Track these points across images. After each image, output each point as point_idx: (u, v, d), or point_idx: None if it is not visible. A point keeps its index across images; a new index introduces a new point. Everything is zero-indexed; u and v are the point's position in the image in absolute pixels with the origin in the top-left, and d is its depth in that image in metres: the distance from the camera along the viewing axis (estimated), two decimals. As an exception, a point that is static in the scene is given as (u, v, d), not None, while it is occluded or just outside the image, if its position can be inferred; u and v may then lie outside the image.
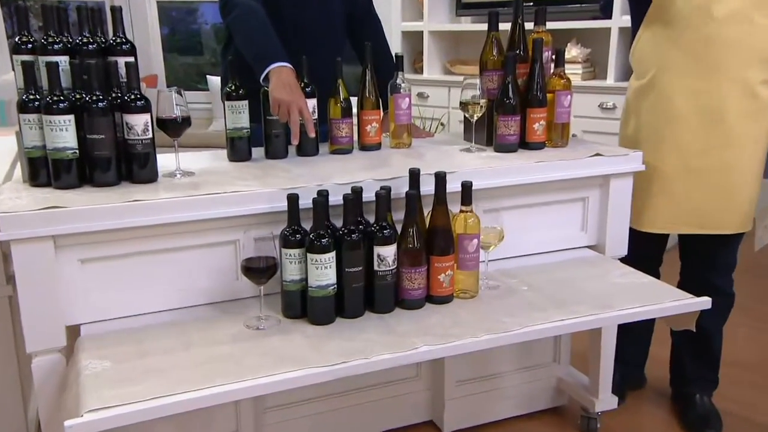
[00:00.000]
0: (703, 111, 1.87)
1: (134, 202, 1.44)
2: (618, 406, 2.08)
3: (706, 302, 1.64)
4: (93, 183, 1.55)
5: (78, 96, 1.51)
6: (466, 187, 1.59)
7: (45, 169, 1.53)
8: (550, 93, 1.92)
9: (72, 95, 1.51)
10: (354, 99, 1.96)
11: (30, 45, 1.54)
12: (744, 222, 1.96)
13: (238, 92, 1.79)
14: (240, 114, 1.80)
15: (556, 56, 1.94)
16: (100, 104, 1.50)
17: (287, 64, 1.79)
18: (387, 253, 1.52)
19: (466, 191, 1.59)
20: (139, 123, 1.54)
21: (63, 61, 1.52)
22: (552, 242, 1.92)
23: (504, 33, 1.93)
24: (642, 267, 1.85)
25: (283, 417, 1.88)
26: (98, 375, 1.30)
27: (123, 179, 1.59)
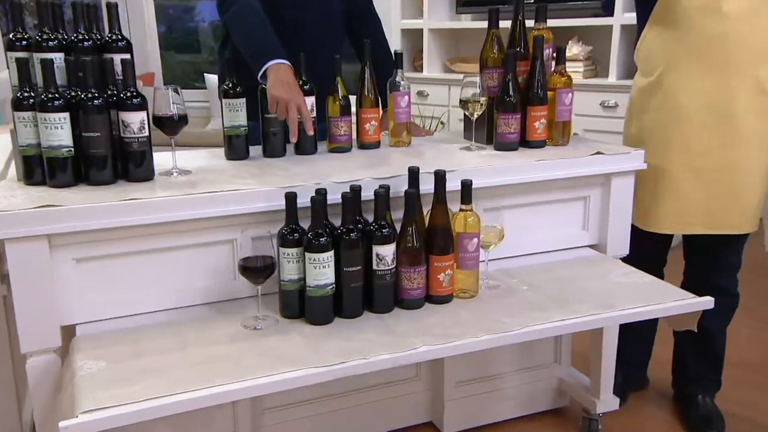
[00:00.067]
0: (712, 109, 1.86)
1: (130, 201, 1.44)
2: (619, 408, 2.08)
3: (709, 302, 1.64)
4: (88, 181, 1.55)
5: (73, 93, 1.50)
6: (466, 186, 1.59)
7: (40, 168, 1.53)
8: (551, 91, 1.91)
9: (67, 93, 1.51)
10: (353, 97, 1.96)
11: (24, 42, 1.53)
12: (752, 222, 1.95)
13: (236, 90, 1.79)
14: (237, 112, 1.80)
15: (557, 53, 1.94)
16: (96, 102, 1.50)
17: (285, 61, 1.79)
18: (386, 253, 1.52)
19: (466, 190, 1.59)
20: (135, 121, 1.54)
21: (58, 58, 1.52)
22: (553, 241, 1.92)
23: (504, 30, 1.93)
24: (646, 267, 1.85)
25: (281, 418, 1.88)
26: (94, 375, 1.29)
27: (119, 178, 1.59)
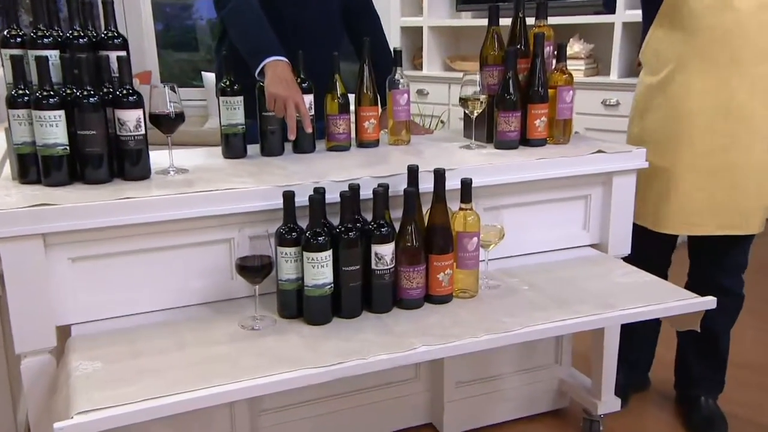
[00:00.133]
0: (722, 107, 1.84)
1: (126, 200, 1.44)
2: (621, 409, 2.08)
3: (711, 302, 1.64)
4: (84, 180, 1.55)
5: (68, 91, 1.50)
6: (466, 185, 1.58)
7: (35, 166, 1.53)
8: (552, 89, 1.91)
9: (62, 90, 1.50)
10: (352, 95, 1.95)
11: (19, 39, 1.53)
12: (760, 222, 1.93)
13: (233, 88, 1.78)
14: (235, 110, 1.80)
15: (558, 51, 1.94)
16: (91, 99, 1.49)
17: (283, 58, 1.78)
18: (385, 252, 1.52)
19: (466, 188, 1.59)
20: (132, 119, 1.54)
21: (53, 56, 1.52)
22: (553, 241, 1.91)
23: (505, 28, 1.93)
24: (650, 269, 1.83)
25: (279, 420, 1.87)
26: (89, 376, 1.29)
27: (115, 176, 1.59)
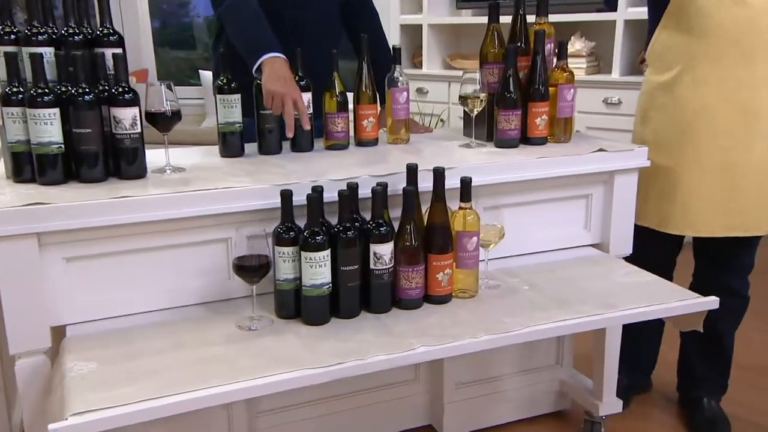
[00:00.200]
0: (735, 106, 1.83)
1: (122, 199, 1.44)
2: (622, 411, 2.07)
3: (714, 302, 1.63)
4: (79, 179, 1.55)
5: (63, 89, 1.50)
6: (466, 184, 1.58)
7: (29, 165, 1.53)
8: (553, 86, 1.91)
9: (57, 88, 1.50)
10: (350, 94, 1.95)
11: (13, 36, 1.53)
12: None
13: (230, 86, 1.78)
14: (232, 108, 1.79)
15: (559, 48, 1.94)
16: (87, 97, 1.49)
17: (281, 55, 1.78)
18: (383, 251, 1.51)
19: (466, 187, 1.58)
20: (127, 117, 1.54)
21: (48, 53, 1.51)
22: (554, 240, 1.91)
23: (505, 26, 1.92)
24: (655, 271, 1.81)
25: (277, 421, 1.87)
26: (84, 377, 1.29)
27: (110, 175, 1.58)
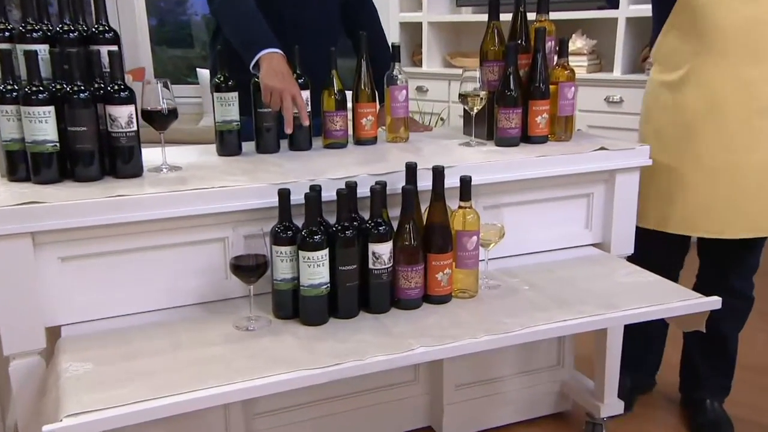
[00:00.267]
0: (746, 104, 1.82)
1: (117, 198, 1.43)
2: (625, 413, 2.07)
3: (716, 302, 1.63)
4: (74, 178, 1.54)
5: (58, 86, 1.50)
6: (465, 182, 1.58)
7: (24, 163, 1.52)
8: (553, 84, 1.91)
9: (52, 86, 1.50)
10: (349, 92, 1.95)
11: (7, 33, 1.53)
12: None
13: (228, 83, 1.78)
14: (229, 106, 1.79)
15: (560, 46, 1.93)
16: (82, 95, 1.49)
17: (278, 51, 1.78)
18: (382, 251, 1.51)
19: (465, 186, 1.58)
20: (123, 115, 1.53)
21: (42, 50, 1.51)
22: (555, 240, 1.91)
23: (506, 23, 1.92)
24: (663, 273, 1.80)
25: (275, 423, 1.87)
26: (79, 378, 1.29)
27: (106, 174, 1.58)
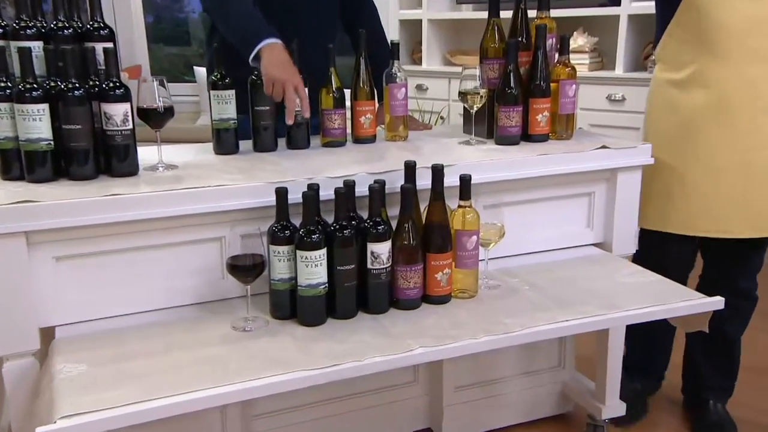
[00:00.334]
0: (753, 103, 1.81)
1: (113, 197, 1.43)
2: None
3: (719, 302, 1.63)
4: (69, 176, 1.54)
5: (53, 84, 1.49)
6: (465, 181, 1.58)
7: (17, 162, 1.52)
8: (554, 82, 1.90)
9: (46, 83, 1.50)
10: (347, 91, 1.95)
11: (1, 30, 1.53)
12: None
13: (225, 81, 1.78)
14: (226, 104, 1.79)
15: (561, 43, 1.93)
16: (77, 93, 1.48)
17: (278, 40, 1.78)
18: (381, 251, 1.51)
19: (465, 185, 1.58)
20: (119, 113, 1.53)
21: (36, 47, 1.51)
22: (556, 239, 1.91)
23: (506, 20, 1.92)
24: (672, 274, 1.79)
25: (273, 425, 1.87)
26: (73, 379, 1.28)
27: (101, 172, 1.58)
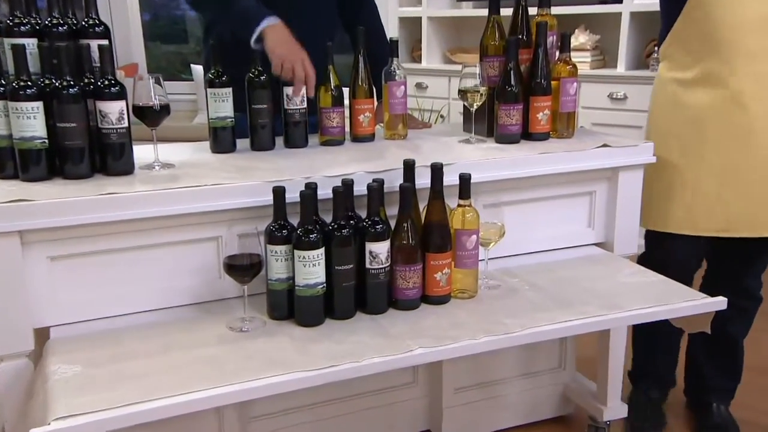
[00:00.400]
0: (759, 102, 1.80)
1: (108, 195, 1.43)
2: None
3: (722, 302, 1.63)
4: (64, 175, 1.54)
5: (47, 81, 1.49)
6: (465, 180, 1.58)
7: (11, 161, 1.52)
8: (555, 80, 1.90)
9: (40, 80, 1.49)
10: (346, 89, 1.94)
11: (-5, 27, 1.53)
12: None
13: (221, 79, 1.77)
14: (223, 102, 1.79)
15: (562, 41, 1.93)
16: (71, 90, 1.48)
17: (278, 20, 1.79)
18: (379, 250, 1.51)
19: (465, 184, 1.58)
20: (114, 111, 1.53)
21: (31, 44, 1.51)
22: (556, 239, 1.91)
23: (506, 17, 1.92)
24: (679, 275, 1.78)
25: (270, 427, 1.86)
26: (68, 381, 1.28)
27: (96, 171, 1.58)
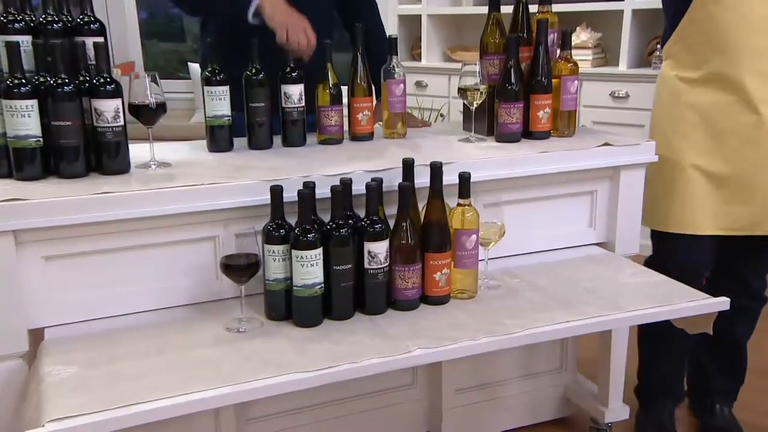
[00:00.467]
0: (764, 100, 1.79)
1: (103, 195, 1.43)
2: None
3: (725, 303, 1.63)
4: (59, 174, 1.54)
5: (41, 79, 1.49)
6: (464, 179, 1.57)
7: (6, 159, 1.52)
8: (556, 78, 1.90)
9: (35, 78, 1.49)
10: (345, 87, 1.94)
11: (-11, 24, 1.52)
12: None
13: (218, 77, 1.77)
14: (220, 101, 1.79)
15: (563, 38, 1.93)
16: (66, 88, 1.48)
17: None
18: (378, 250, 1.51)
19: (464, 183, 1.58)
20: (109, 109, 1.53)
21: (25, 41, 1.51)
22: (557, 239, 1.91)
23: (507, 15, 1.92)
24: (685, 276, 1.77)
25: (268, 428, 1.86)
26: (62, 382, 1.28)
27: (92, 170, 1.58)
